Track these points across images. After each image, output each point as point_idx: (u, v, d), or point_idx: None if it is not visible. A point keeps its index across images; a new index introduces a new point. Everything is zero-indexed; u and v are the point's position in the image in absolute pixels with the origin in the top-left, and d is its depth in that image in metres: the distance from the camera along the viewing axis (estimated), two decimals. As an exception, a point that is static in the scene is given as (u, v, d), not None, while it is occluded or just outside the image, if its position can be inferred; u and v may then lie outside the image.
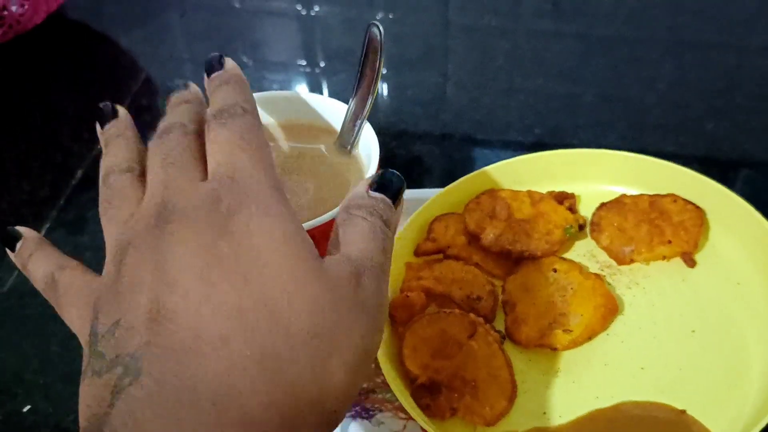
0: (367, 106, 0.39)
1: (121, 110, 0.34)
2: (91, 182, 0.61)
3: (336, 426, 0.27)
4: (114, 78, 0.72)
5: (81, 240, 0.56)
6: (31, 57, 0.74)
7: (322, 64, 0.74)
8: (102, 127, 0.34)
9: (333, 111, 0.40)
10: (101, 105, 0.34)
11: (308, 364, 0.25)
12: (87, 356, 0.26)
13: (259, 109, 0.41)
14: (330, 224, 0.34)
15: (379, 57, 0.38)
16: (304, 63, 0.75)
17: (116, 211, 0.30)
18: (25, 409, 0.45)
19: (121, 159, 0.32)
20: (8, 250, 0.35)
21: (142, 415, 0.23)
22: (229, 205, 0.27)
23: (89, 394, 0.25)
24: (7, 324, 0.50)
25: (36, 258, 0.33)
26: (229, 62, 0.34)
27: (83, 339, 0.29)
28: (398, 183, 0.31)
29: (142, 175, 0.31)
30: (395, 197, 0.30)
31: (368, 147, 0.38)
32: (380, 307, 0.28)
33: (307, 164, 0.39)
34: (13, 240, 0.34)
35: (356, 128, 0.39)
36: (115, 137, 0.33)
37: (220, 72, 0.33)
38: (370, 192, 0.30)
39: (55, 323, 0.50)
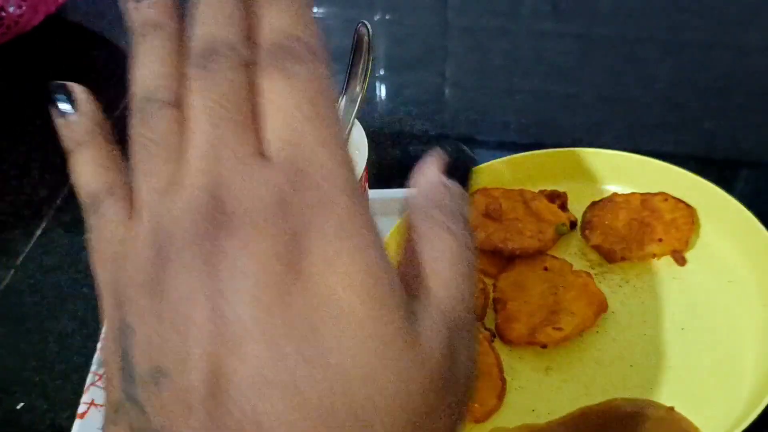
0: (357, 106, 0.39)
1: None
2: (89, 182, 0.61)
3: None
4: (112, 80, 0.72)
5: (77, 239, 0.57)
6: (30, 58, 0.74)
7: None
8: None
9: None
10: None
11: None
12: (114, 386, 0.21)
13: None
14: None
15: (367, 56, 0.38)
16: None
17: (155, 156, 0.22)
18: (18, 407, 0.46)
19: (156, 76, 0.23)
20: (52, 112, 0.25)
21: None
22: (299, 214, 0.20)
23: None
24: (4, 322, 0.51)
25: (86, 155, 0.24)
26: None
27: (105, 345, 0.22)
28: (470, 162, 0.24)
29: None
30: (466, 181, 0.24)
31: (358, 146, 0.39)
32: (472, 378, 0.22)
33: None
34: (63, 96, 0.25)
35: (346, 127, 0.39)
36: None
37: None
38: (445, 180, 0.23)
39: (53, 321, 0.51)
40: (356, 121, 0.39)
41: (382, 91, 0.70)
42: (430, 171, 0.23)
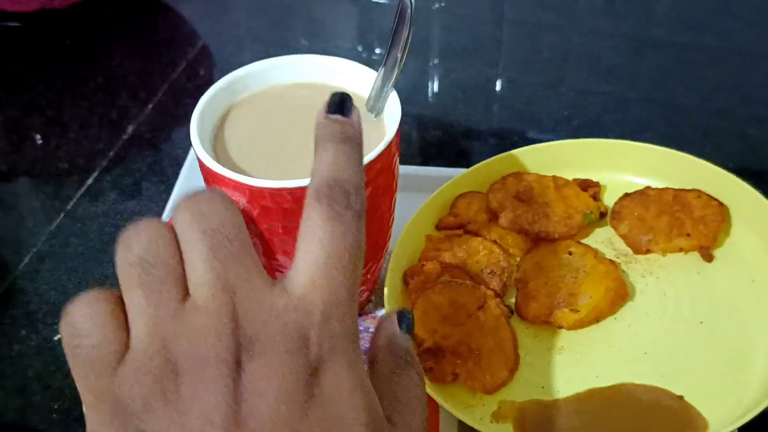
0: (395, 75, 0.40)
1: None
2: (139, 138, 0.64)
3: None
4: (172, 45, 0.75)
5: (124, 191, 0.59)
6: (93, 21, 0.78)
7: (378, 51, 0.76)
8: None
9: (363, 77, 0.42)
10: None
11: None
12: None
13: (290, 70, 0.43)
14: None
15: (409, 27, 0.39)
16: (360, 48, 0.77)
17: (159, 277, 0.24)
18: (56, 338, 0.48)
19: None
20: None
21: None
22: (317, 353, 0.23)
23: None
24: (51, 259, 0.54)
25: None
26: (356, 114, 0.29)
27: None
28: (412, 319, 0.29)
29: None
30: (411, 330, 0.28)
31: (392, 113, 0.40)
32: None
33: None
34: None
35: (383, 95, 0.41)
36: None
37: (341, 119, 0.29)
38: (401, 331, 0.28)
39: (95, 264, 0.53)
40: (393, 89, 0.40)
41: (432, 74, 0.71)
42: (390, 323, 0.28)
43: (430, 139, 0.62)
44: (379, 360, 0.27)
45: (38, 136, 0.65)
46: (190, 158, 0.56)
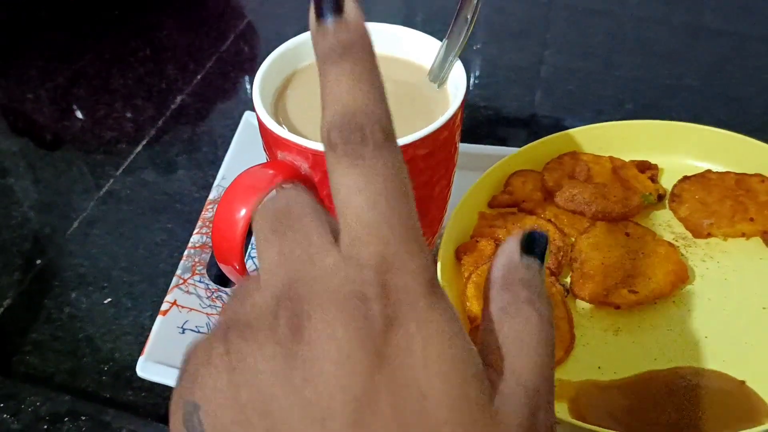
0: (460, 44, 0.39)
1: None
2: (187, 109, 0.64)
3: None
4: (219, 20, 0.75)
5: (173, 159, 0.59)
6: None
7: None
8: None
9: (426, 47, 0.41)
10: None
11: None
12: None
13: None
14: (407, 148, 0.35)
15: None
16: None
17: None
18: (106, 301, 0.49)
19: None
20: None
21: None
22: (381, 311, 0.20)
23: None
24: (102, 224, 0.54)
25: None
26: (350, 7, 0.22)
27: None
28: (545, 239, 0.25)
29: None
30: (542, 257, 0.25)
31: (456, 83, 0.39)
32: None
33: (394, 94, 0.40)
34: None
35: (447, 65, 0.40)
36: None
37: (338, 24, 0.22)
38: (525, 257, 0.24)
39: (145, 230, 0.53)
40: (458, 59, 0.40)
41: (482, 54, 0.70)
42: (510, 248, 0.24)
43: (481, 118, 0.62)
44: (491, 296, 0.23)
45: (78, 113, 0.65)
46: (242, 128, 0.56)
